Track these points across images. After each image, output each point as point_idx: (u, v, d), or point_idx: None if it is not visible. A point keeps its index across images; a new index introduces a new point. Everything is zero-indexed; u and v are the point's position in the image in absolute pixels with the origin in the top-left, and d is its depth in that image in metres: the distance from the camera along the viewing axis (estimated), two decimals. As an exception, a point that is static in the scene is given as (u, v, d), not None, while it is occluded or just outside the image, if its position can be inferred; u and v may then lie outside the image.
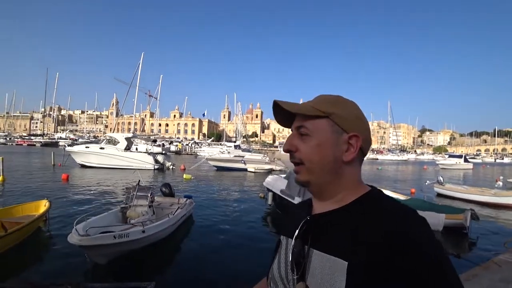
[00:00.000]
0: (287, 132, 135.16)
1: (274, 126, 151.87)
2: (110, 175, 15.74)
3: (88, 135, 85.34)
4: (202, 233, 6.56)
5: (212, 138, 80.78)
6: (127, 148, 20.53)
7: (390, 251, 0.48)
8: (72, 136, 66.03)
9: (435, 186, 13.47)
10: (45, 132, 78.02)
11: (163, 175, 17.81)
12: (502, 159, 76.28)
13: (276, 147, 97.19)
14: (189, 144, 56.89)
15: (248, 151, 29.03)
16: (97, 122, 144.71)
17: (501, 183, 16.07)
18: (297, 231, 0.63)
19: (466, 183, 18.40)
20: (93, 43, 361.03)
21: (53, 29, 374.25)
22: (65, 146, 21.70)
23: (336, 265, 0.53)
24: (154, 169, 19.60)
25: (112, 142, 20.85)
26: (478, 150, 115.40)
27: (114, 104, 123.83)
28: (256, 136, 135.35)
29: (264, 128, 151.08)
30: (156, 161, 20.41)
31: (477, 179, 24.82)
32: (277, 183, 8.66)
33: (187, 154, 45.36)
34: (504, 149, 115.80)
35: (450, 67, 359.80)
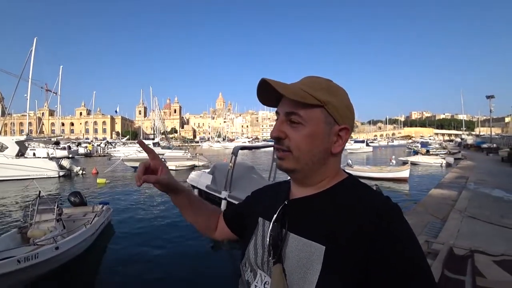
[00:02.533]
0: (207, 126, 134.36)
1: (194, 121, 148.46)
2: (0, 190, 13.02)
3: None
4: (125, 241, 6.11)
5: (128, 136, 74.24)
6: (20, 154, 17.21)
7: (366, 237, 0.50)
8: None
9: (346, 168, 15.45)
10: None
11: (72, 183, 15.65)
12: (393, 142, 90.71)
13: (197, 142, 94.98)
14: (101, 145, 51.11)
15: (168, 148, 27.79)
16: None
17: (394, 162, 19.56)
18: (275, 215, 0.63)
19: (369, 163, 21.66)
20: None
21: None
22: None
23: (313, 249, 0.54)
24: (59, 176, 17.05)
25: (-2, 148, 17.26)
26: (375, 135, 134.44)
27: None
28: (176, 132, 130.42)
29: (183, 123, 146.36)
30: (61, 167, 17.72)
31: (376, 160, 29.32)
32: (201, 179, 8.52)
33: (99, 156, 40.74)
34: (393, 134, 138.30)
35: (353, 63, 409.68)
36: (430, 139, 63.99)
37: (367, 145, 49.45)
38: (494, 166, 17.09)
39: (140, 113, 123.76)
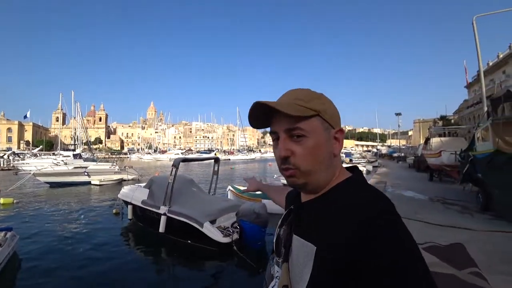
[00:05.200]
0: (136, 137, 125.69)
1: (122, 130, 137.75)
2: None
3: None
4: (38, 276, 5.03)
5: (41, 146, 64.67)
6: None
7: (356, 240, 0.50)
8: None
9: (281, 178, 15.94)
10: None
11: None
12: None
13: (126, 153, 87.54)
14: (5, 156, 43.28)
15: (93, 160, 24.80)
16: None
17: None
18: (280, 220, 0.72)
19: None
20: None
21: None
22: None
23: (308, 249, 0.57)
24: None
25: None
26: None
27: None
28: (101, 142, 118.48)
29: (110, 133, 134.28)
30: None
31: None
32: (136, 193, 7.81)
33: (2, 169, 34.51)
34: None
35: (294, 71, 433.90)
36: (352, 150, 71.08)
37: None
38: (404, 172, 20.01)
39: (57, 120, 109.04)
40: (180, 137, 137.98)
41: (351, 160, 33.93)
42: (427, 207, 7.68)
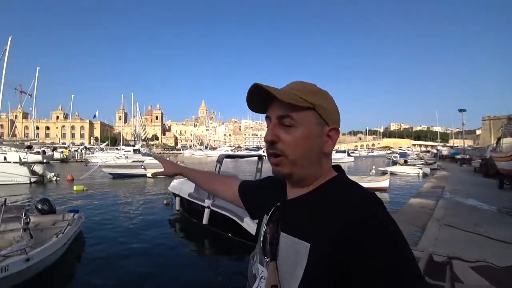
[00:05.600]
0: (189, 134, 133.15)
1: (176, 128, 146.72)
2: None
3: None
4: (100, 251, 5.84)
5: (107, 142, 72.14)
6: (-13, 158, 16.30)
7: (348, 239, 0.50)
8: None
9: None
10: None
11: (44, 189, 14.94)
12: (372, 152, 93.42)
13: (179, 149, 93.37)
14: (79, 150, 49.28)
15: (149, 155, 26.98)
16: None
17: (374, 171, 19.97)
18: (267, 217, 0.68)
19: (350, 173, 21.86)
20: None
21: None
22: None
23: (299, 246, 0.56)
24: (31, 182, 16.21)
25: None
26: (356, 146, 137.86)
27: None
28: (157, 139, 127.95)
29: (165, 130, 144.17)
30: (33, 173, 16.90)
31: (357, 169, 29.84)
32: (183, 187, 8.29)
33: (76, 161, 39.28)
34: (373, 144, 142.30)
35: (328, 74, 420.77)
36: (408, 150, 65.93)
37: (349, 155, 50.30)
38: (468, 177, 17.85)
39: (120, 119, 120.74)
40: (230, 135, 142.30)
41: (406, 161, 31.61)
42: (492, 219, 6.66)
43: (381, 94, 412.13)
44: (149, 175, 19.33)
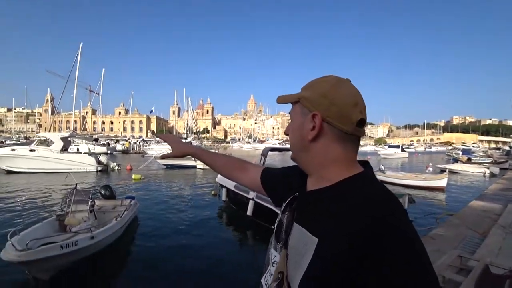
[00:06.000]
0: (238, 127, 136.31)
1: (226, 121, 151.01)
2: (45, 181, 14.11)
3: (17, 136, 75.73)
4: (151, 236, 6.38)
5: (162, 135, 77.27)
6: (64, 149, 18.57)
7: (362, 238, 0.49)
8: (-4, 138, 57.80)
9: (377, 173, 14.77)
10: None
11: (108, 177, 16.66)
12: (430, 148, 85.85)
13: (228, 142, 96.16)
14: (137, 143, 53.83)
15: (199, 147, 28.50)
16: (28, 121, 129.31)
17: (431, 169, 18.39)
18: (284, 206, 0.73)
19: (403, 170, 20.52)
20: (18, 28, 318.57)
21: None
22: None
23: (308, 239, 0.57)
24: (97, 170, 18.19)
25: (46, 143, 18.68)
26: (411, 140, 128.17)
27: (49, 100, 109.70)
28: (208, 132, 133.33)
29: (215, 124, 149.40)
30: (99, 162, 18.91)
31: (412, 166, 27.68)
32: None
33: (135, 153, 42.92)
34: (431, 139, 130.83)
35: (384, 68, 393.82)
36: (473, 146, 59.21)
37: (403, 150, 46.20)
38: (548, 179, 15.46)
39: (174, 113, 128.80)
40: (278, 128, 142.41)
41: (469, 159, 28.45)
42: None
43: (442, 82, 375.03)
44: (199, 166, 20.41)
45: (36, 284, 4.03)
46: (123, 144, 47.04)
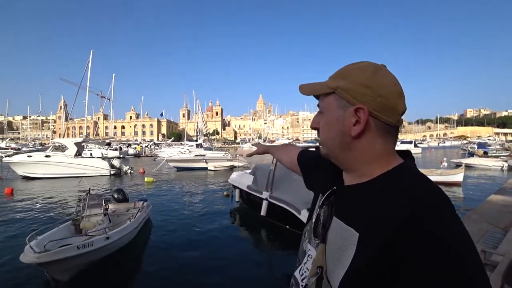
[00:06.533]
0: (248, 128, 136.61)
1: (235, 123, 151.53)
2: (60, 185, 14.44)
3: (33, 142, 77.81)
4: (164, 236, 6.44)
5: (172, 138, 78.31)
6: (78, 154, 19.02)
7: (403, 234, 0.47)
8: (13, 145, 59.29)
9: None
10: (-20, 142, 69.47)
11: (121, 180, 16.91)
12: (444, 142, 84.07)
13: (238, 143, 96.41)
14: (149, 146, 54.54)
15: (210, 149, 28.64)
16: (43, 128, 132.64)
17: (445, 164, 17.95)
18: (322, 200, 0.68)
19: (417, 165, 19.94)
20: (32, 39, 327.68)
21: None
22: (2, 157, 19.29)
23: (348, 234, 0.55)
24: (110, 174, 18.50)
25: (60, 149, 19.17)
26: (424, 136, 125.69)
27: (62, 107, 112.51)
28: (217, 133, 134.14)
29: (224, 125, 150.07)
30: (112, 166, 19.24)
31: (426, 162, 27.00)
32: (242, 179, 8.60)
33: (147, 156, 43.47)
34: (445, 134, 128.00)
35: (395, 63, 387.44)
36: (489, 140, 57.52)
37: (415, 146, 45.27)
38: None
39: (184, 116, 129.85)
40: (287, 127, 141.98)
41: (486, 152, 27.74)
42: None
43: (455, 74, 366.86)
44: (210, 168, 20.52)
45: (56, 285, 4.16)
46: (135, 148, 47.69)
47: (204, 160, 21.62)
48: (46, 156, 18.00)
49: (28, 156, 18.14)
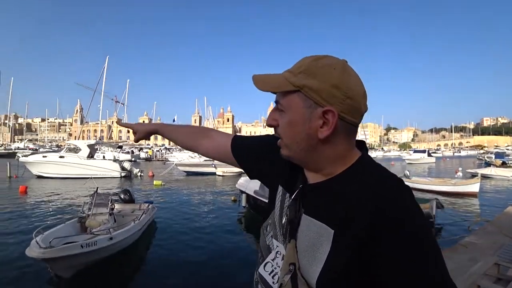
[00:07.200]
0: (258, 134, 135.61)
1: (246, 129, 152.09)
2: (72, 185, 14.76)
3: (50, 144, 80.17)
4: (168, 240, 6.42)
5: (184, 143, 79.11)
6: (90, 156, 19.46)
7: (375, 225, 0.48)
8: (31, 146, 61.25)
9: (403, 179, 14.22)
10: (0, 142, 72.17)
11: (131, 183, 17.11)
12: (459, 152, 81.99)
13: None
14: (160, 150, 55.30)
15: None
16: (60, 130, 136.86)
17: (460, 174, 17.38)
18: (290, 199, 0.65)
19: (430, 175, 19.64)
20: (51, 44, 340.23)
21: (3, 28, 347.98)
22: (18, 156, 20.02)
23: (322, 231, 0.55)
24: (121, 176, 18.79)
25: (74, 150, 19.71)
26: (438, 145, 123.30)
27: (78, 111, 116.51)
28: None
29: (236, 131, 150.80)
30: (123, 169, 19.56)
31: (439, 171, 26.48)
32: (250, 184, 8.55)
33: (158, 160, 44.07)
34: (460, 143, 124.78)
35: (407, 70, 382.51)
36: (507, 149, 55.67)
37: (429, 155, 44.20)
38: None
39: (195, 122, 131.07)
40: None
41: (504, 163, 26.79)
42: None
43: (470, 83, 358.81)
44: (219, 173, 20.57)
45: (59, 281, 4.22)
46: (147, 152, 48.40)
47: (213, 165, 21.70)
48: (60, 157, 18.53)
49: (43, 157, 18.71)
